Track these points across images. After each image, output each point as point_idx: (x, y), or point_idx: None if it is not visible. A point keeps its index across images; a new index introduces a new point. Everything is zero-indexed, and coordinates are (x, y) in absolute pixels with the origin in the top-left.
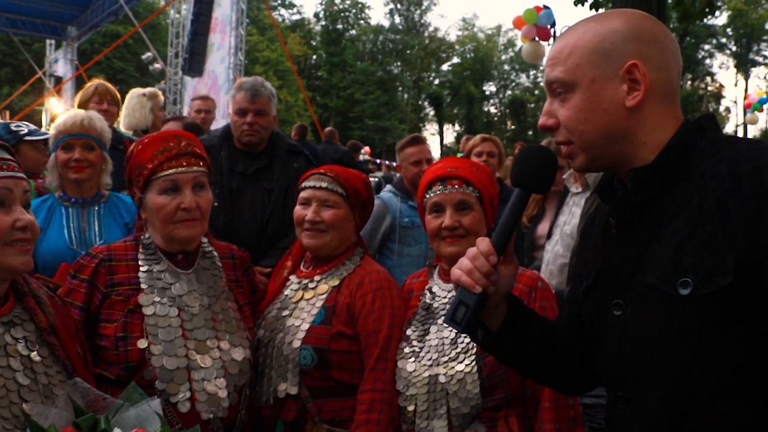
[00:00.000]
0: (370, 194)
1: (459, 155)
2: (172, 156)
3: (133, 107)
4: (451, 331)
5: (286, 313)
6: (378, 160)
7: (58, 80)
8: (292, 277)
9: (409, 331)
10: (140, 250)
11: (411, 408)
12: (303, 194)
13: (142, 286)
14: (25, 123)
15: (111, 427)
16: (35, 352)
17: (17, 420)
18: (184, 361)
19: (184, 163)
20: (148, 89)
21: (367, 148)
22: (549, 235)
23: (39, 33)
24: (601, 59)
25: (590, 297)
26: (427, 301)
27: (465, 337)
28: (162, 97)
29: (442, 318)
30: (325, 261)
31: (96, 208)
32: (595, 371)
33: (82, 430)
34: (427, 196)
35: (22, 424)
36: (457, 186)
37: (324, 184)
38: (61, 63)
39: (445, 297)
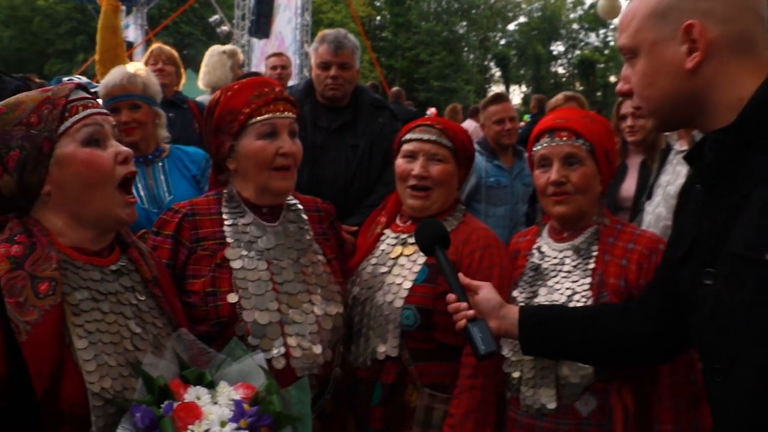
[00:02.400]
0: (473, 149)
1: (526, 117)
2: (269, 100)
3: (213, 65)
4: (562, 293)
5: (384, 269)
6: None
7: (129, 45)
8: (387, 231)
9: (515, 293)
10: (223, 203)
11: (516, 375)
12: (407, 147)
13: (228, 240)
14: (78, 77)
15: (216, 381)
16: (144, 303)
17: (131, 367)
18: (276, 316)
19: (281, 108)
20: (228, 47)
21: (433, 109)
22: (649, 195)
23: None
24: (659, 21)
25: (685, 265)
26: (536, 261)
27: (578, 300)
28: (241, 56)
29: (553, 279)
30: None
31: (160, 164)
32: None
33: (189, 382)
34: (535, 149)
35: (135, 370)
36: (565, 138)
37: (432, 137)
38: (131, 29)
39: (555, 257)
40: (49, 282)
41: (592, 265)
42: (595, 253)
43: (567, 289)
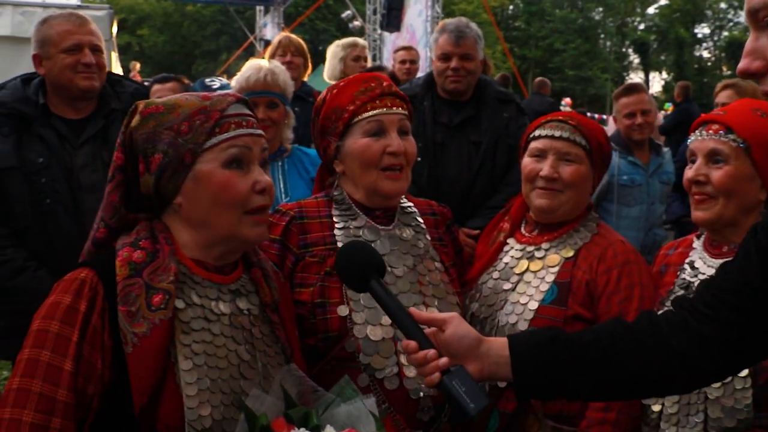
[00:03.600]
0: (610, 148)
1: (667, 105)
2: (375, 96)
3: (329, 57)
4: None
5: (507, 286)
6: (577, 112)
7: (267, 43)
8: (511, 241)
9: None
10: (333, 206)
11: (657, 408)
12: (536, 144)
13: (339, 244)
14: (219, 78)
15: (323, 423)
16: (257, 328)
17: (234, 396)
18: (390, 331)
19: (389, 104)
20: (345, 39)
21: (568, 100)
22: None
23: (249, 1)
24: None
25: None
26: (687, 278)
27: None
28: (360, 48)
29: None
30: (555, 226)
31: (279, 164)
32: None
33: (293, 422)
34: (688, 142)
35: (237, 401)
36: (712, 132)
37: (564, 134)
38: (269, 27)
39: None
40: (163, 294)
41: None
42: None
43: None
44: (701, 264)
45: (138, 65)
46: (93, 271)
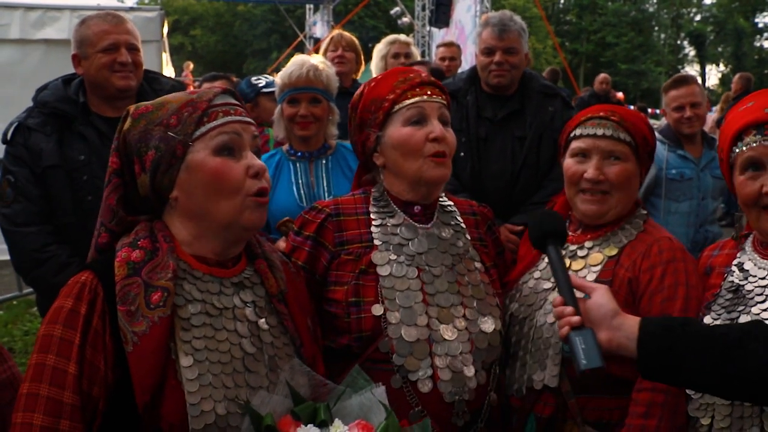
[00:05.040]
0: (655, 140)
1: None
2: (415, 84)
3: (375, 54)
4: None
5: (547, 286)
6: (632, 107)
7: (317, 41)
8: None
9: (708, 319)
10: (371, 202)
11: (706, 422)
12: (578, 144)
13: (376, 242)
14: (265, 76)
15: (332, 417)
16: (263, 320)
17: (238, 390)
18: (425, 332)
19: (429, 92)
20: (389, 36)
21: (620, 94)
22: None
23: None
24: None
25: None
26: (735, 280)
27: None
28: (399, 45)
29: (759, 306)
30: (600, 224)
31: (323, 161)
32: None
33: (300, 419)
34: (736, 149)
35: (243, 395)
36: None
37: (608, 132)
38: (318, 25)
39: (764, 278)
40: (162, 292)
41: None
42: None
43: None
44: (751, 266)
45: (191, 65)
46: (93, 274)
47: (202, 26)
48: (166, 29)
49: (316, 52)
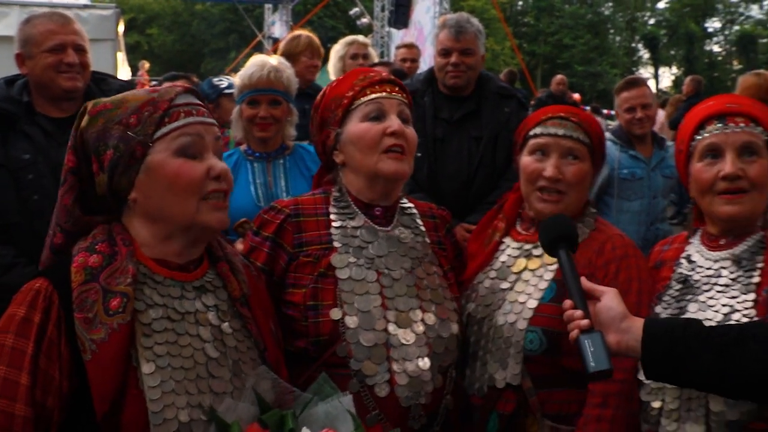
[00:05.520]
0: (605, 141)
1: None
2: (375, 82)
3: (332, 56)
4: (717, 311)
5: (505, 285)
6: (588, 108)
7: (275, 41)
8: (507, 240)
9: (659, 309)
10: (331, 203)
11: (657, 405)
12: (538, 141)
13: (335, 244)
14: (227, 77)
15: (299, 426)
16: (226, 324)
17: (202, 396)
18: (383, 337)
19: (388, 89)
20: (347, 37)
21: (577, 95)
22: None
23: None
24: None
25: None
26: (684, 272)
27: (737, 320)
28: (357, 46)
29: (706, 294)
30: None
31: (281, 161)
32: None
33: (268, 427)
34: (698, 137)
35: (206, 401)
36: (742, 124)
37: (568, 132)
38: (277, 25)
39: (710, 269)
40: (121, 297)
41: (756, 279)
42: (760, 265)
43: (723, 305)
44: (699, 257)
45: (147, 64)
46: (47, 281)
47: (159, 25)
48: (121, 27)
49: (275, 52)
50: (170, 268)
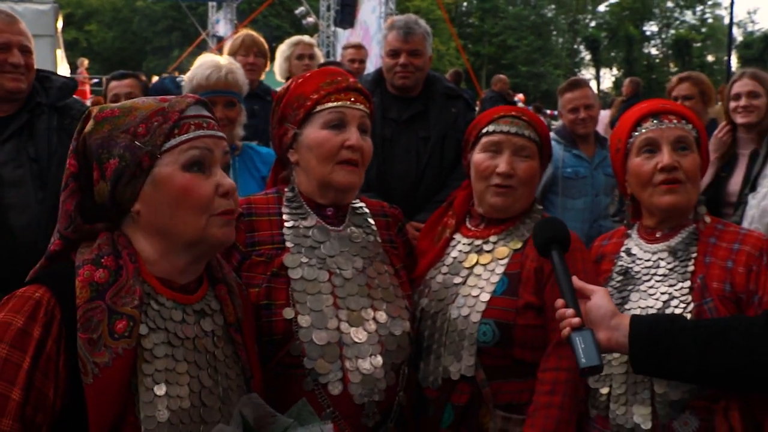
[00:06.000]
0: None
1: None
2: (341, 88)
3: (278, 56)
4: (657, 299)
5: (458, 280)
6: (531, 107)
7: (220, 40)
8: (458, 236)
9: None
10: (284, 203)
11: (605, 390)
12: (491, 138)
13: (288, 244)
14: (172, 75)
15: None
16: (220, 350)
17: (193, 426)
18: (335, 335)
19: (352, 99)
20: (292, 38)
21: (520, 95)
22: (753, 187)
23: None
24: None
25: None
26: (625, 264)
27: (676, 306)
28: (303, 46)
29: (646, 284)
30: (502, 219)
31: (231, 162)
32: None
33: None
34: (635, 134)
35: (196, 430)
36: (675, 121)
37: (520, 130)
38: (222, 23)
39: (648, 260)
40: (128, 321)
41: (690, 268)
42: (693, 255)
43: (663, 293)
44: (638, 250)
45: (86, 62)
46: (49, 292)
47: (98, 21)
48: (60, 23)
49: (219, 50)
50: (173, 288)
